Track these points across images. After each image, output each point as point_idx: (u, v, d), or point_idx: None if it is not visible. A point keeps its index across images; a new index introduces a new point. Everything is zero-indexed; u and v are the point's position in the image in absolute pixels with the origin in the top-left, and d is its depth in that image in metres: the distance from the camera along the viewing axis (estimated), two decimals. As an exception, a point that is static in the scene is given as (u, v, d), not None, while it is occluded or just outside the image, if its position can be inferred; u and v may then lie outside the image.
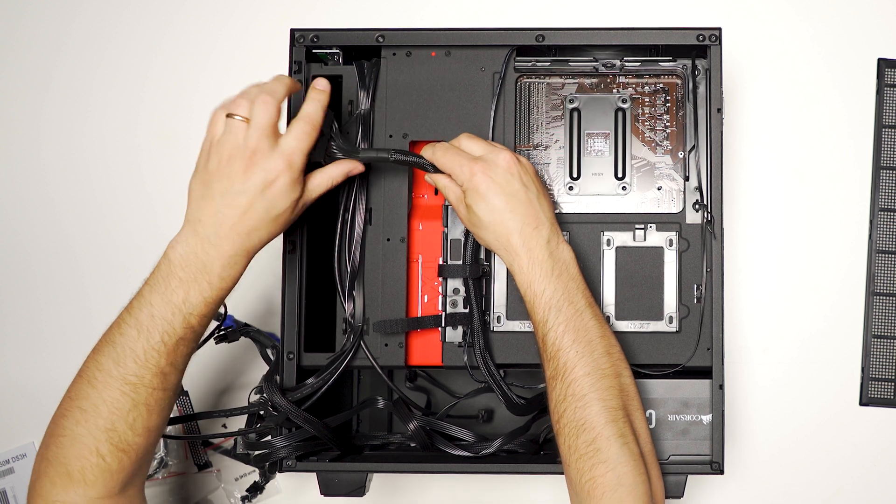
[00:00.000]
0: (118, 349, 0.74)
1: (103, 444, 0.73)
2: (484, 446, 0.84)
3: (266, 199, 0.75)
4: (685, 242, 0.85)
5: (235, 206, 0.74)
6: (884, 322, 1.01)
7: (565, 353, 0.76)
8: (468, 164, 0.79)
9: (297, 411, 0.81)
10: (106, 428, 0.74)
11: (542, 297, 0.77)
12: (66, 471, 0.73)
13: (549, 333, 0.77)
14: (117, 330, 0.75)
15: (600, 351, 0.77)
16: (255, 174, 0.74)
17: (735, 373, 1.01)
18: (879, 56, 1.04)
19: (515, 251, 0.78)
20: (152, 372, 0.74)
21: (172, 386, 0.77)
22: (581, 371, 0.76)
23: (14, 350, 1.05)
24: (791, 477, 1.01)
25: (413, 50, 0.87)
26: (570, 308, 0.77)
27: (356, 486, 0.84)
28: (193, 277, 0.75)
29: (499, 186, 0.78)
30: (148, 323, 0.74)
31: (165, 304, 0.74)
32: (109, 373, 0.74)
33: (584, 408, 0.75)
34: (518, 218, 0.78)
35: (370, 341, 0.85)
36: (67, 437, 0.74)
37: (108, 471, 0.73)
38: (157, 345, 0.74)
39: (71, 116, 1.07)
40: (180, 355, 0.76)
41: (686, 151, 0.86)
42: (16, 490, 1.01)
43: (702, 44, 0.84)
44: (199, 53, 1.07)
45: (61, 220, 1.06)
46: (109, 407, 0.74)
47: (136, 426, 0.74)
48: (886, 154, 1.02)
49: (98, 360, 0.75)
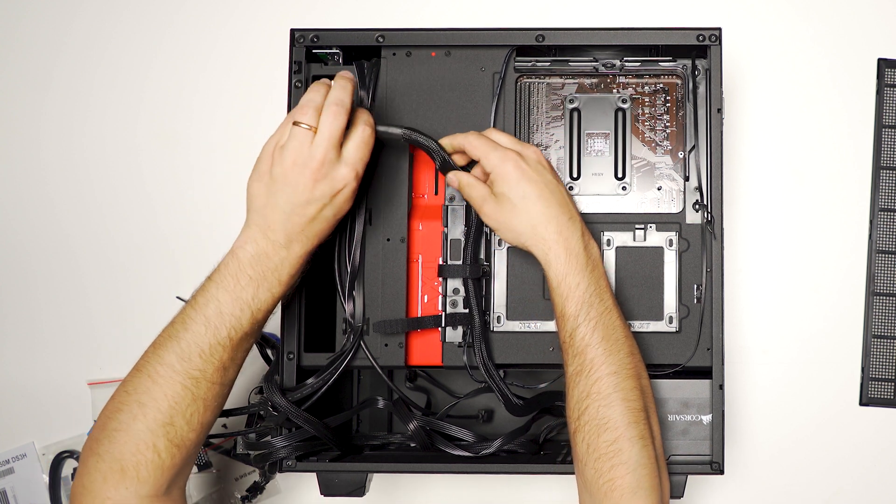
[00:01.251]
0: (183, 344, 0.75)
1: (161, 439, 0.73)
2: (484, 446, 0.84)
3: (334, 206, 0.77)
4: (685, 242, 0.85)
5: (304, 214, 0.76)
6: (884, 322, 1.01)
7: (594, 350, 0.76)
8: (501, 150, 0.80)
9: (297, 411, 0.81)
10: (164, 423, 0.74)
11: (576, 290, 0.77)
12: (121, 466, 0.73)
13: (580, 328, 0.77)
14: (181, 325, 0.76)
15: (626, 351, 0.77)
16: (324, 185, 0.76)
17: (735, 373, 1.01)
18: (879, 56, 1.04)
19: (551, 240, 0.78)
20: (215, 367, 0.76)
21: (230, 381, 0.78)
22: (607, 369, 0.75)
23: (14, 350, 1.05)
24: (791, 477, 1.01)
25: (413, 50, 0.87)
26: (600, 305, 0.77)
27: (356, 486, 0.84)
28: (263, 276, 0.76)
29: (531, 174, 0.79)
30: (216, 319, 0.76)
31: (234, 300, 0.76)
32: (173, 367, 0.75)
33: (608, 407, 0.74)
34: (554, 207, 0.79)
35: (370, 341, 0.85)
36: (123, 431, 0.73)
37: (161, 467, 0.73)
38: (224, 340, 0.76)
39: (71, 116, 1.07)
40: (242, 350, 0.78)
41: (686, 151, 0.86)
42: (16, 490, 1.01)
43: (702, 44, 0.84)
44: (199, 53, 1.07)
45: (61, 220, 1.06)
46: (170, 401, 0.74)
47: (192, 421, 0.75)
48: (886, 154, 1.02)
49: (160, 354, 0.76)
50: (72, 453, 1.01)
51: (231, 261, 0.77)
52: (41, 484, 1.01)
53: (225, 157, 1.06)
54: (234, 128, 1.06)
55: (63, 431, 1.03)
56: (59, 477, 1.01)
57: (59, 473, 1.01)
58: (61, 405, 1.03)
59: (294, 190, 0.75)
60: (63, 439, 1.02)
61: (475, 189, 0.81)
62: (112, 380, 1.02)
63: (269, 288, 0.77)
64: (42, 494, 1.01)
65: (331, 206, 0.77)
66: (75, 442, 1.02)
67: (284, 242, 0.77)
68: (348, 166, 0.76)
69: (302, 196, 0.76)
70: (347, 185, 0.77)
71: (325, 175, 0.76)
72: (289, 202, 0.76)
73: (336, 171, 0.76)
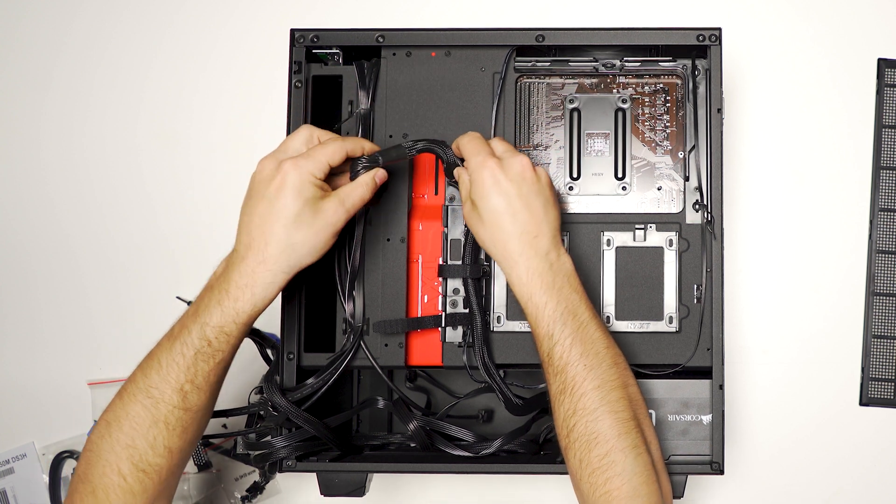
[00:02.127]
0: (149, 359, 0.75)
1: (124, 461, 0.73)
2: (484, 446, 0.84)
3: (276, 201, 0.74)
4: (685, 242, 0.85)
5: (249, 213, 0.75)
6: (884, 322, 1.01)
7: (573, 367, 0.75)
8: (483, 156, 0.78)
9: (297, 411, 0.81)
10: (126, 444, 0.73)
11: (544, 310, 0.76)
12: (92, 489, 0.73)
13: (556, 348, 0.75)
14: (158, 342, 0.76)
15: (608, 363, 0.76)
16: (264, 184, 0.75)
17: (735, 373, 1.01)
18: (879, 56, 1.04)
19: (513, 259, 0.76)
20: (172, 387, 0.74)
21: (195, 407, 0.75)
22: (591, 384, 0.74)
23: (14, 350, 1.05)
24: (791, 477, 1.01)
25: (413, 50, 0.87)
26: (574, 321, 0.76)
27: (356, 486, 0.84)
28: (217, 284, 0.75)
29: (505, 186, 0.77)
30: (176, 332, 0.75)
31: (193, 312, 0.75)
32: (137, 384, 0.74)
33: (595, 421, 0.74)
34: (518, 224, 0.77)
35: (370, 341, 0.85)
36: (93, 451, 0.74)
37: (129, 492, 0.73)
38: (177, 356, 0.74)
39: (71, 116, 1.07)
40: (201, 373, 0.74)
41: (686, 151, 0.86)
42: (16, 490, 1.01)
43: (702, 44, 0.84)
44: (199, 53, 1.07)
45: (61, 220, 1.06)
46: (130, 421, 0.73)
47: (156, 445, 0.74)
48: (886, 154, 1.02)
49: (134, 373, 0.76)
50: (72, 453, 1.01)
51: (209, 279, 0.78)
52: (41, 484, 1.01)
53: (225, 157, 1.06)
54: (234, 128, 1.06)
55: (63, 431, 1.03)
56: (59, 477, 1.01)
57: (59, 473, 1.01)
58: (61, 405, 1.03)
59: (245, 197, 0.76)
60: (63, 439, 1.02)
61: (463, 187, 0.80)
62: (112, 380, 1.02)
63: (218, 299, 0.74)
64: (42, 494, 1.01)
65: (272, 204, 0.73)
66: (75, 442, 1.02)
67: (238, 247, 0.75)
68: (293, 160, 0.74)
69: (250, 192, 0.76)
70: (287, 174, 0.73)
71: (270, 172, 0.74)
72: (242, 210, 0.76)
73: (278, 170, 0.74)
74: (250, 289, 0.74)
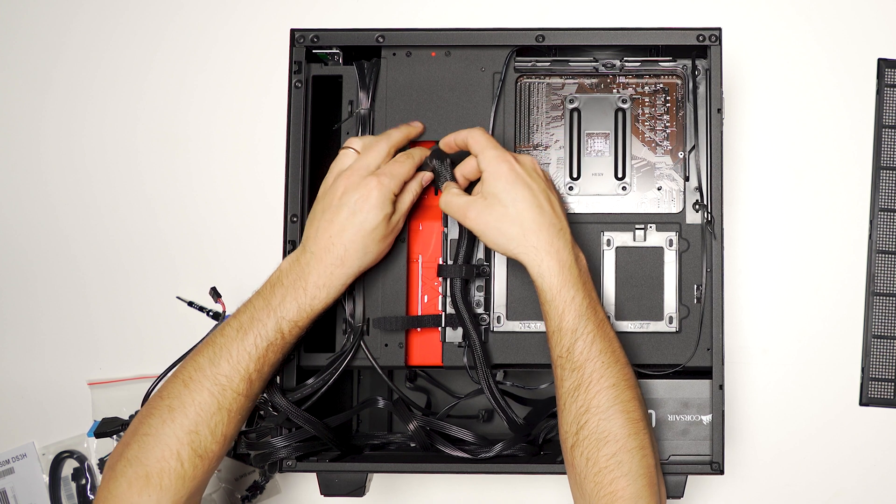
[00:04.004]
0: (216, 348, 0.77)
1: (185, 447, 0.74)
2: (484, 451, 0.84)
3: (360, 214, 0.78)
4: (685, 242, 0.85)
5: (330, 220, 0.78)
6: (884, 322, 1.01)
7: (592, 363, 0.75)
8: (500, 150, 0.79)
9: (297, 411, 0.81)
10: (190, 430, 0.75)
11: (572, 303, 0.76)
12: (146, 472, 0.73)
13: (578, 343, 0.75)
14: (219, 332, 0.78)
15: (622, 362, 0.77)
16: (349, 194, 0.78)
17: (735, 373, 1.01)
18: (879, 56, 1.04)
19: (543, 251, 0.76)
20: (241, 376, 0.76)
21: (255, 395, 0.78)
22: (607, 382, 0.75)
23: (14, 350, 1.05)
24: (791, 477, 1.01)
25: (413, 50, 0.87)
26: (595, 317, 0.77)
27: (356, 486, 0.84)
28: (292, 283, 0.78)
29: (527, 179, 0.78)
30: (247, 324, 0.77)
31: (265, 305, 0.77)
32: (203, 372, 0.76)
33: (608, 419, 0.74)
34: (546, 216, 0.77)
35: (370, 341, 0.85)
36: (153, 436, 0.74)
37: (183, 477, 0.74)
38: (250, 347, 0.77)
39: (71, 117, 1.07)
40: (268, 363, 0.78)
41: (686, 151, 0.86)
42: (16, 490, 1.01)
43: (702, 44, 0.84)
44: (199, 53, 1.07)
45: (61, 220, 1.06)
46: (197, 408, 0.75)
47: (216, 432, 0.76)
48: (886, 154, 1.02)
49: (196, 360, 0.77)
50: (72, 453, 1.01)
51: (275, 272, 0.80)
52: (41, 484, 1.01)
53: (225, 158, 1.06)
54: (234, 128, 1.06)
55: (63, 431, 1.03)
56: (59, 477, 1.01)
57: (59, 473, 1.01)
58: (61, 405, 1.03)
59: (329, 199, 0.79)
60: (63, 439, 1.02)
61: (455, 198, 0.80)
62: (112, 380, 1.02)
63: (296, 297, 0.78)
64: (42, 494, 1.01)
65: (356, 215, 0.77)
66: (75, 442, 1.02)
67: (314, 249, 0.78)
68: (377, 177, 0.78)
69: (333, 202, 0.78)
70: (372, 191, 0.77)
71: (355, 185, 0.78)
72: (322, 210, 0.79)
73: (363, 185, 0.78)
74: (326, 288, 0.78)
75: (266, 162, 1.04)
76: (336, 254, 0.78)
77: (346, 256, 0.78)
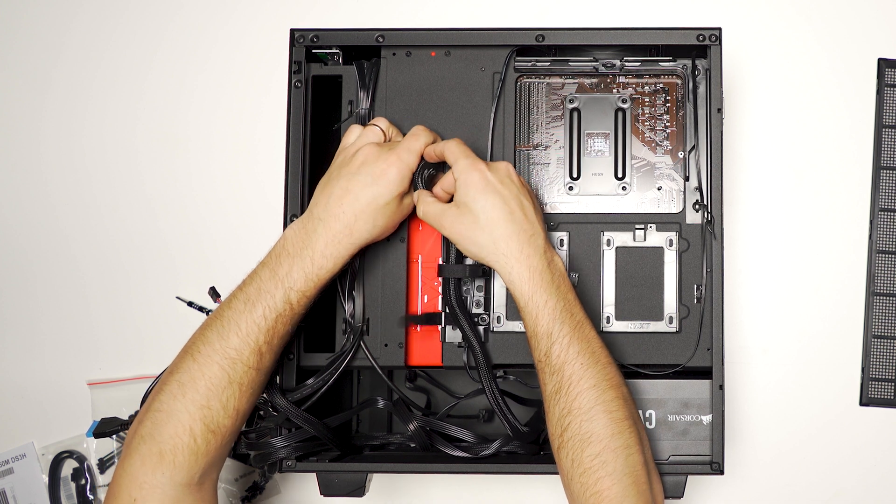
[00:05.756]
0: (224, 322, 0.77)
1: (197, 422, 0.74)
2: (483, 448, 0.84)
3: (376, 186, 0.78)
4: (685, 242, 0.85)
5: (345, 187, 0.78)
6: (884, 322, 1.01)
7: (570, 366, 0.75)
8: (472, 159, 0.79)
9: (297, 411, 0.81)
10: (201, 404, 0.75)
11: (544, 308, 0.76)
12: (159, 450, 0.73)
13: (555, 346, 0.76)
14: (227, 305, 0.78)
15: (603, 362, 0.77)
16: (369, 165, 0.78)
17: (735, 373, 1.01)
18: (879, 56, 1.04)
19: (513, 258, 0.77)
20: (251, 348, 0.76)
21: (266, 368, 0.78)
22: (587, 383, 0.75)
23: (14, 350, 1.05)
24: (791, 477, 1.01)
25: (413, 50, 0.87)
26: (572, 320, 0.77)
27: (356, 486, 0.84)
28: (299, 252, 0.78)
29: (497, 187, 0.78)
30: (255, 296, 0.77)
31: (272, 276, 0.77)
32: (212, 346, 0.76)
33: (590, 421, 0.74)
34: (516, 222, 0.78)
35: (370, 341, 0.85)
36: (164, 412, 0.74)
37: (196, 453, 0.74)
38: (259, 318, 0.76)
39: (71, 116, 1.07)
40: (277, 335, 0.78)
41: (686, 151, 0.86)
42: (15, 490, 1.01)
43: (702, 44, 0.84)
44: (199, 53, 1.07)
45: (61, 220, 1.06)
46: (207, 382, 0.75)
47: (228, 406, 0.76)
48: (886, 154, 1.02)
49: (205, 334, 0.77)
50: (71, 453, 1.01)
51: (279, 241, 0.80)
52: (41, 484, 1.01)
53: (225, 157, 1.06)
54: (234, 128, 1.06)
55: (63, 431, 1.03)
56: (58, 477, 1.01)
57: (58, 473, 1.01)
58: (61, 405, 1.03)
59: (345, 167, 0.79)
60: (63, 439, 1.02)
61: (431, 206, 0.80)
62: (112, 380, 1.02)
63: (303, 266, 0.77)
64: (42, 494, 1.01)
65: (373, 186, 0.78)
66: (75, 442, 1.02)
67: (322, 216, 0.78)
68: (395, 152, 0.79)
69: (348, 170, 0.79)
70: (391, 166, 0.78)
71: (374, 157, 0.79)
72: (336, 177, 0.79)
73: (383, 153, 0.79)
74: (333, 258, 0.78)
75: (266, 162, 1.04)
76: (345, 221, 0.78)
77: (356, 226, 0.78)
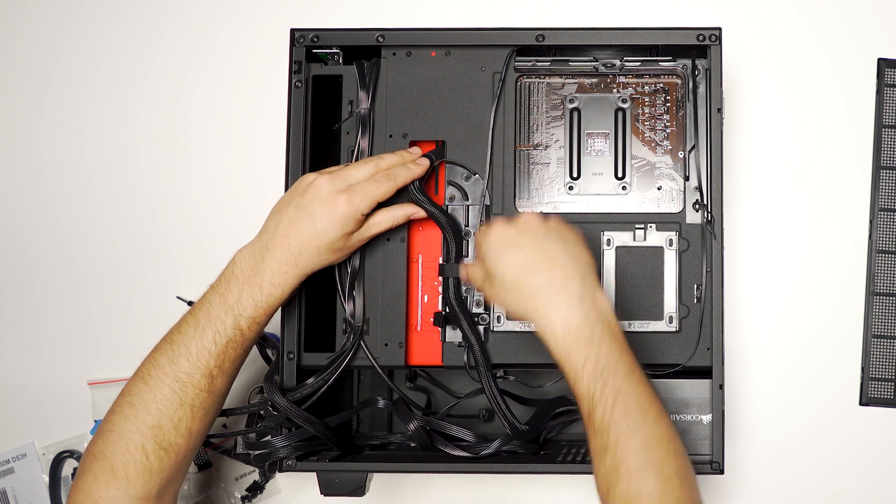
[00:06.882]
0: (174, 346, 0.78)
1: (149, 440, 0.75)
2: (483, 447, 0.84)
3: (321, 224, 0.78)
4: (685, 242, 0.85)
5: (292, 218, 0.78)
6: (884, 322, 1.01)
7: (616, 427, 0.70)
8: (487, 224, 0.79)
9: (297, 411, 0.81)
10: (153, 425, 0.76)
11: (584, 369, 0.71)
12: (111, 466, 0.75)
13: (598, 409, 0.70)
14: (177, 329, 0.79)
15: (652, 418, 0.71)
16: (317, 202, 0.78)
17: (735, 373, 1.01)
18: (879, 56, 1.04)
19: (546, 315, 0.73)
20: (201, 372, 0.77)
21: (218, 390, 0.79)
22: (635, 444, 0.69)
23: (14, 350, 1.05)
24: (791, 477, 1.01)
25: (413, 50, 0.87)
26: (615, 377, 0.71)
27: (356, 485, 0.84)
28: (248, 279, 0.78)
29: (515, 241, 0.75)
30: (204, 321, 0.78)
31: (221, 302, 0.78)
32: (163, 369, 0.77)
33: (640, 481, 0.69)
34: (541, 274, 0.73)
35: (370, 341, 0.85)
36: (116, 432, 0.76)
37: (149, 469, 0.75)
38: (209, 343, 0.77)
39: (71, 116, 1.07)
40: (229, 359, 0.78)
41: (686, 151, 0.86)
42: (16, 490, 1.01)
43: (702, 44, 0.84)
44: (199, 53, 1.07)
45: (61, 220, 1.06)
46: (158, 404, 0.76)
47: (180, 427, 0.77)
48: (886, 154, 1.02)
49: (155, 357, 0.78)
50: (72, 453, 1.01)
51: (228, 266, 0.80)
52: (41, 484, 1.01)
53: (225, 158, 1.06)
54: (234, 128, 1.06)
55: (63, 431, 1.03)
56: (59, 477, 1.01)
57: (59, 473, 1.01)
58: (61, 405, 1.03)
59: (293, 197, 0.79)
60: (63, 439, 1.02)
61: (473, 271, 0.80)
62: (112, 380, 1.02)
63: (252, 293, 0.78)
64: (42, 494, 1.01)
65: (316, 222, 0.78)
66: (75, 442, 1.02)
67: (270, 245, 0.79)
68: (348, 194, 0.78)
69: (294, 201, 0.79)
70: (340, 205, 0.78)
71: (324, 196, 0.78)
72: (284, 207, 0.79)
73: (333, 194, 0.78)
74: (281, 286, 0.79)
75: (266, 162, 1.04)
76: (291, 254, 0.78)
77: (300, 259, 0.78)
